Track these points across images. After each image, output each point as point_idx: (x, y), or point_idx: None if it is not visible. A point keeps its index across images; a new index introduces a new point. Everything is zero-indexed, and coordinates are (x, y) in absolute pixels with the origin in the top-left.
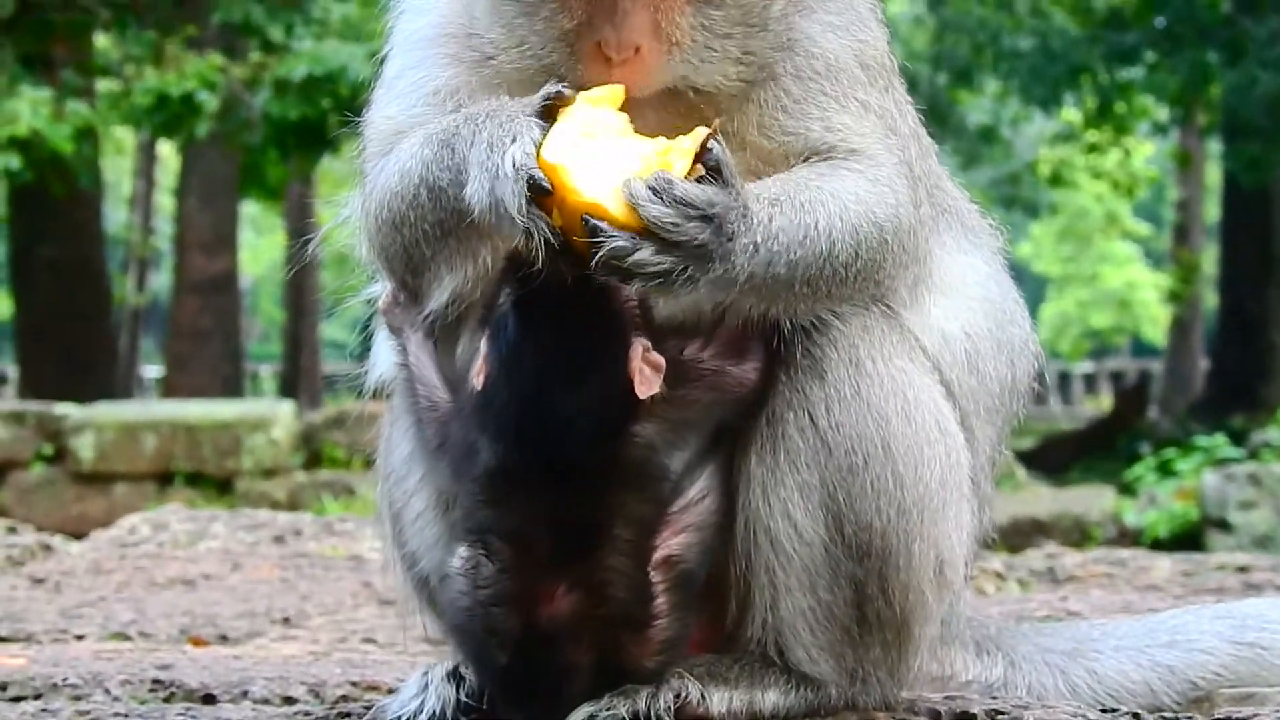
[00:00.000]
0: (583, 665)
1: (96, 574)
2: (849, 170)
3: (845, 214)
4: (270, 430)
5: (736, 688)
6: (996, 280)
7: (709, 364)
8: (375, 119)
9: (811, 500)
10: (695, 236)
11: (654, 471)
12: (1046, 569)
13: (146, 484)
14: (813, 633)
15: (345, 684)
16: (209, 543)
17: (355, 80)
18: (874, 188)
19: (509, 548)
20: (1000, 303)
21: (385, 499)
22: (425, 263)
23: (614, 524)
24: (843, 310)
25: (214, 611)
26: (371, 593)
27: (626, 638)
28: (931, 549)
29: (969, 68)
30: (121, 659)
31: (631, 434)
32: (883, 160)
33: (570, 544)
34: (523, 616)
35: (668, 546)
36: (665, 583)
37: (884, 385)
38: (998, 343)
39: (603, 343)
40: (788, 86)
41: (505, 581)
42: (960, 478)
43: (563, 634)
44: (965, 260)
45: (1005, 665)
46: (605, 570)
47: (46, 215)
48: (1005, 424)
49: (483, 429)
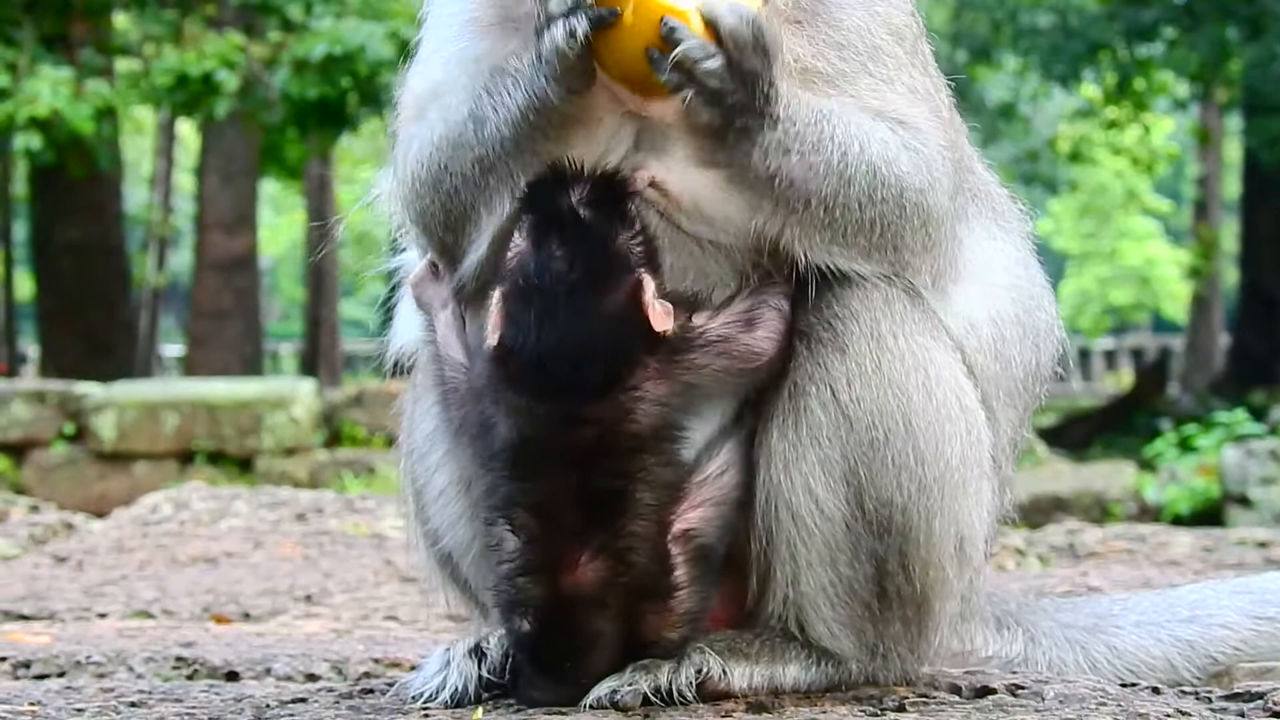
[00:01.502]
0: (607, 633)
1: (119, 552)
2: (891, 129)
3: (866, 146)
4: (291, 409)
5: (757, 663)
6: (1024, 265)
7: (718, 331)
8: (411, 85)
9: (833, 475)
10: (758, 70)
11: (670, 435)
12: (1067, 545)
13: (167, 463)
14: (833, 608)
15: (368, 661)
16: (231, 521)
17: (374, 59)
18: (910, 155)
19: (532, 520)
20: (1028, 288)
21: (408, 476)
22: (465, 213)
23: (635, 489)
24: (865, 283)
25: (236, 589)
26: (393, 570)
27: (648, 607)
28: (952, 525)
29: (988, 45)
30: (144, 636)
31: (645, 394)
32: (930, 139)
33: (592, 511)
34: (548, 586)
35: (685, 520)
36: (684, 556)
37: (905, 361)
38: (1024, 328)
39: (617, 270)
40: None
41: (530, 553)
42: (981, 455)
43: (587, 601)
44: (994, 246)
45: (1025, 640)
46: (628, 536)
47: (66, 195)
48: (1028, 407)
49: (501, 390)
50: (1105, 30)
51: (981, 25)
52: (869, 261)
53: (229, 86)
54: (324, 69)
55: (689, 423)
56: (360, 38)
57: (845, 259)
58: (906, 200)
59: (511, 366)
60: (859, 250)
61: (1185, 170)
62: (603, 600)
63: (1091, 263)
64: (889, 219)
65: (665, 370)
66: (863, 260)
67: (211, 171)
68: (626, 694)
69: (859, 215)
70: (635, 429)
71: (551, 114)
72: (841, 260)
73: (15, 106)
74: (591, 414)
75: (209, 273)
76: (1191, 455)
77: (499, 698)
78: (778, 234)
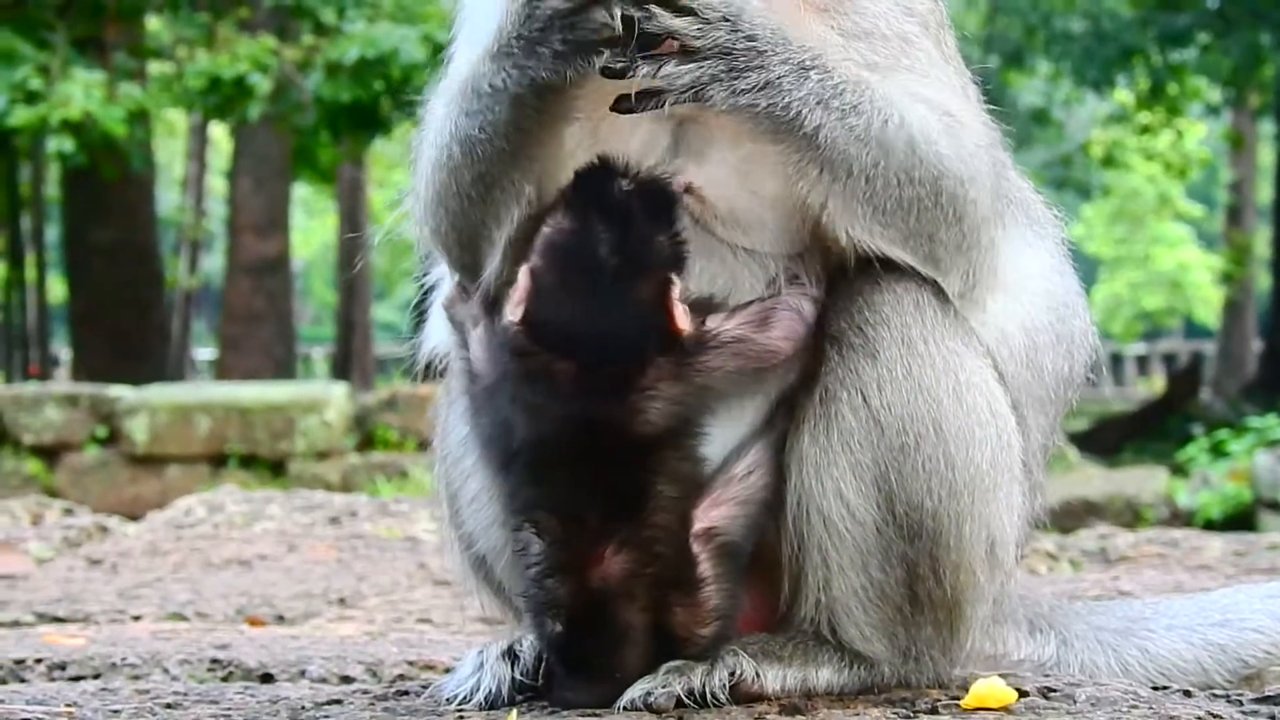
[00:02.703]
0: (637, 626)
1: (153, 555)
2: (931, 112)
3: (906, 120)
4: (323, 412)
5: (790, 665)
6: (1060, 272)
7: (733, 333)
8: (432, 106)
9: (864, 480)
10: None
11: (687, 432)
12: (1099, 549)
13: (200, 466)
14: (865, 611)
15: (402, 663)
16: (265, 524)
17: (407, 63)
18: (949, 139)
19: (555, 520)
20: (1062, 295)
21: (442, 480)
22: (477, 229)
23: (655, 482)
24: (896, 288)
25: (270, 592)
26: (427, 573)
27: (676, 600)
28: (983, 529)
29: (1021, 49)
30: (179, 639)
31: (659, 393)
32: (971, 128)
33: (613, 507)
34: (576, 584)
35: (709, 518)
36: (708, 553)
37: (935, 366)
38: (1057, 335)
39: (652, 265)
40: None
41: (556, 553)
42: (1011, 460)
43: (615, 594)
44: (1030, 254)
45: (1058, 643)
46: (651, 528)
47: (99, 198)
48: (1059, 413)
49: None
50: (1138, 35)
51: (1014, 30)
52: (905, 248)
53: (261, 90)
54: (357, 72)
55: (711, 421)
56: (393, 41)
57: (884, 239)
58: (943, 187)
59: (536, 355)
60: (898, 232)
61: (1218, 175)
62: (630, 593)
63: (1124, 268)
64: (924, 203)
65: (679, 371)
66: (899, 246)
67: (244, 174)
68: (660, 696)
69: (897, 192)
70: (649, 429)
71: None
72: (881, 240)
73: (48, 109)
74: (605, 412)
75: (241, 276)
76: (1223, 460)
77: (532, 700)
78: (821, 204)
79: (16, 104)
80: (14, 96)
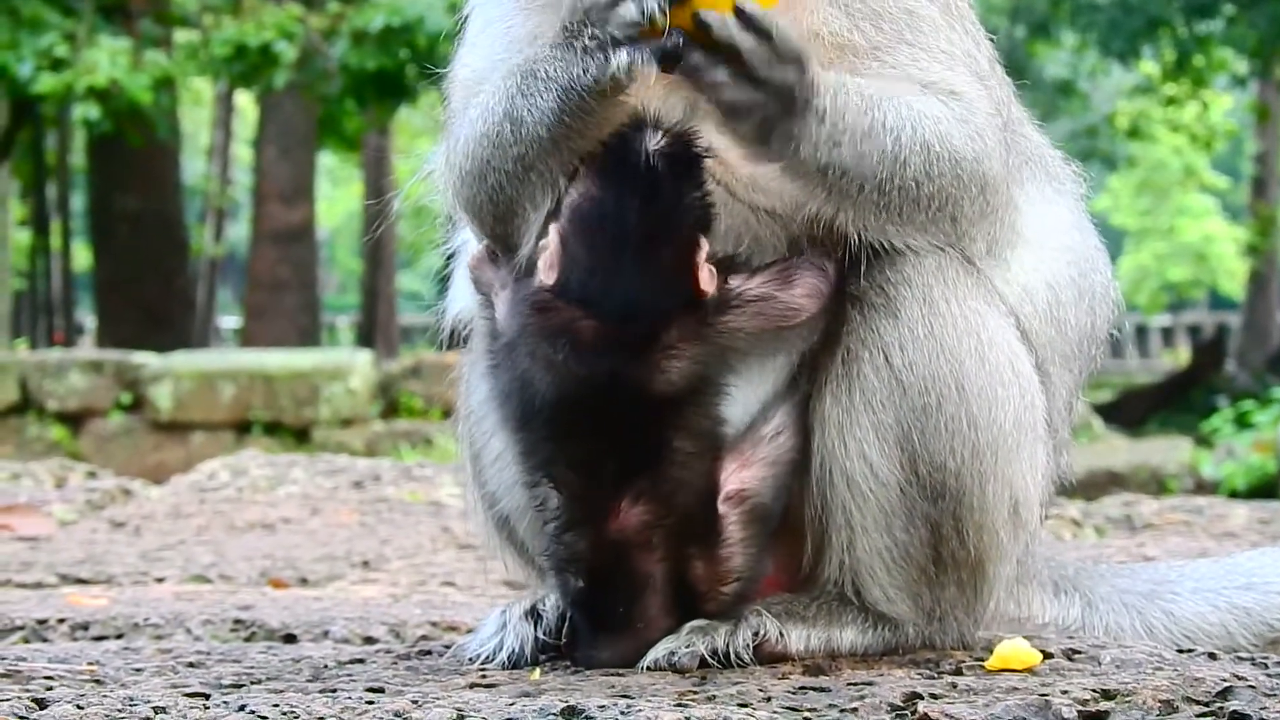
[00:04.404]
0: (656, 578)
1: (176, 518)
2: (939, 102)
3: (918, 126)
4: (348, 380)
5: (814, 626)
6: (1079, 228)
7: (755, 292)
8: (457, 72)
9: (887, 440)
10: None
11: (709, 390)
12: (1123, 516)
13: (224, 433)
14: (889, 572)
15: (425, 624)
16: (288, 488)
17: (433, 31)
18: (961, 126)
19: (573, 474)
20: (1082, 250)
21: (465, 439)
22: (512, 206)
23: (674, 437)
24: (918, 249)
25: (294, 555)
26: (450, 537)
27: (697, 553)
28: (1006, 489)
29: (1047, 20)
30: (202, 600)
31: (680, 352)
32: (978, 107)
33: (632, 461)
34: (594, 536)
35: (739, 479)
36: (739, 515)
37: (957, 325)
38: (1079, 290)
39: (680, 226)
40: (865, 31)
41: (574, 507)
42: (1035, 419)
43: (633, 545)
44: (1049, 210)
45: (1082, 605)
46: (669, 481)
47: (125, 166)
48: (1083, 370)
49: (539, 344)
50: (1164, 6)
51: (1040, 1)
52: (925, 234)
53: (287, 58)
54: (382, 40)
55: (733, 380)
56: (419, 9)
57: (901, 235)
58: (963, 170)
59: (559, 311)
60: (915, 225)
61: (1243, 147)
62: (648, 543)
63: (1149, 239)
64: (947, 191)
65: (701, 331)
66: (919, 234)
67: (269, 143)
68: (684, 655)
69: (915, 193)
70: (670, 387)
71: (590, 116)
72: (897, 237)
73: (74, 76)
74: (627, 370)
75: (266, 244)
76: (1248, 431)
77: (555, 659)
78: (831, 218)
79: (42, 71)
80: (40, 63)
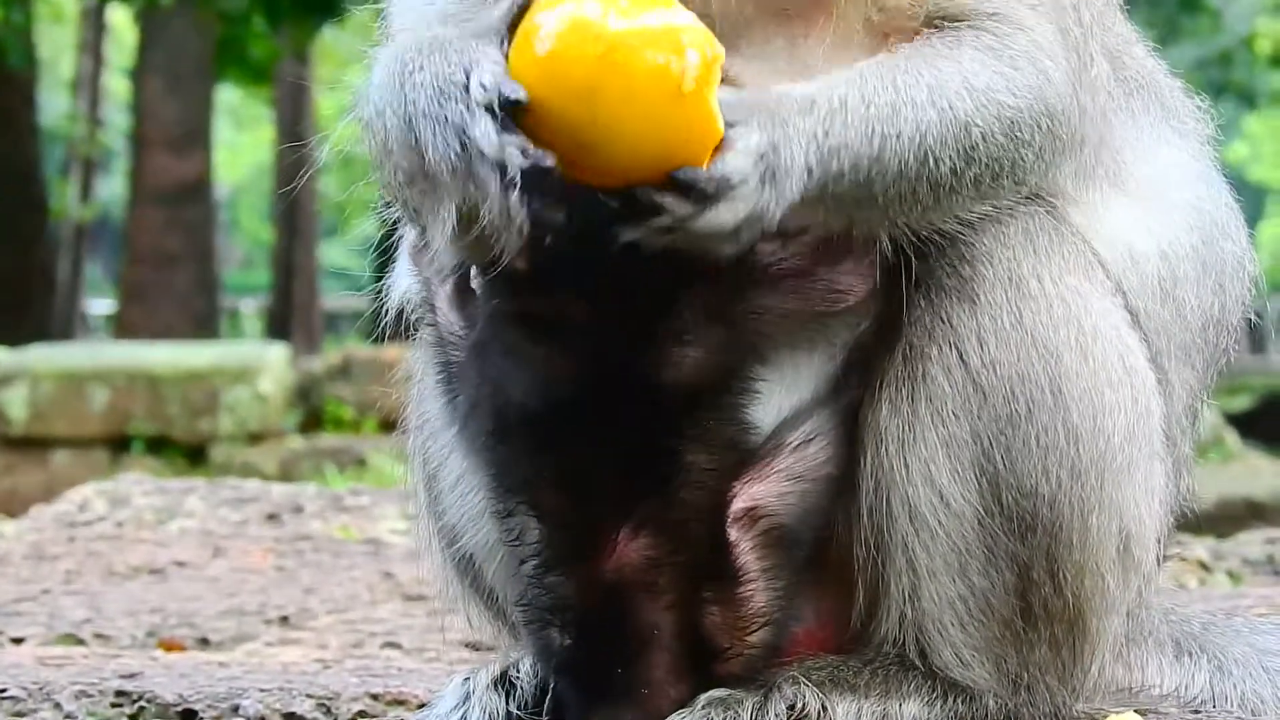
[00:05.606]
0: (664, 632)
1: (38, 561)
2: (976, 47)
3: (949, 113)
4: (256, 382)
5: (867, 697)
6: (1205, 180)
7: (788, 264)
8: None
9: (961, 461)
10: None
11: (730, 385)
12: (1265, 557)
13: (95, 451)
14: (963, 628)
15: (364, 697)
16: (183, 521)
17: None
18: (1006, 67)
19: (559, 498)
20: (1209, 210)
21: (418, 457)
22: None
23: (687, 449)
24: (999, 215)
25: (191, 608)
26: (394, 585)
27: (713, 597)
28: (1114, 521)
29: None
30: (74, 666)
31: (696, 338)
32: (1028, 24)
33: (635, 479)
34: (585, 577)
35: (750, 496)
36: (751, 539)
37: (1053, 311)
38: (1203, 263)
39: None
40: None
41: (559, 540)
42: (1151, 430)
43: (634, 586)
44: (1164, 153)
45: (1212, 671)
46: (680, 506)
47: None
48: (1210, 366)
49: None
50: None
51: None
52: (985, 201)
53: None
54: None
55: (764, 377)
56: None
57: (947, 220)
58: (1020, 129)
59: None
60: (967, 198)
61: None
62: (652, 586)
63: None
64: (1001, 156)
65: (722, 311)
66: (976, 204)
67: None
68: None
69: (953, 182)
70: (682, 383)
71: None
72: (943, 223)
73: None
74: (626, 364)
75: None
76: None
77: None
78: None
79: None
80: None
